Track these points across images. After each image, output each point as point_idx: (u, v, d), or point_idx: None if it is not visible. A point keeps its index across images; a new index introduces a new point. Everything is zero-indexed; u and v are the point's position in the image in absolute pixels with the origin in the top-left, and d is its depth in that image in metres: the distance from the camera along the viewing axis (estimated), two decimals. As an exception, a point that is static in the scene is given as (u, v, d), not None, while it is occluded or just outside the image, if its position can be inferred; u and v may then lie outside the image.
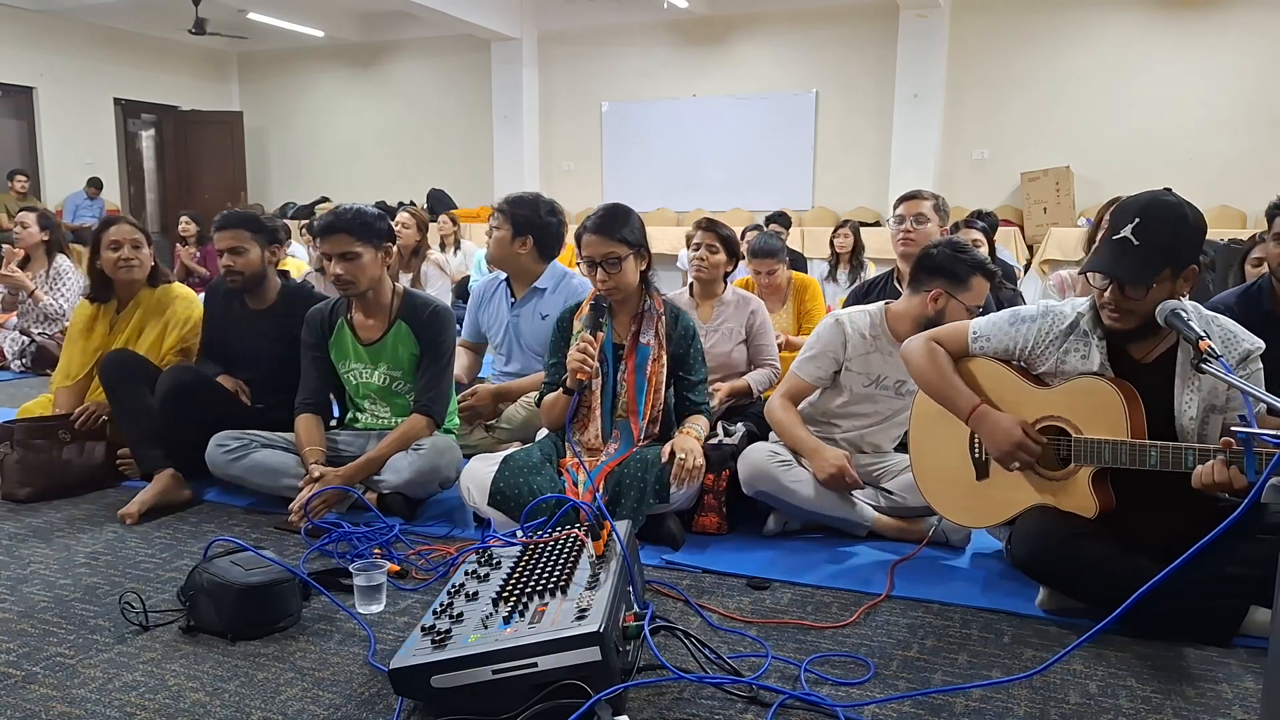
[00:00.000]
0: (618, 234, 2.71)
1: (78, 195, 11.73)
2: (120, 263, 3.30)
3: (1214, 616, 2.03)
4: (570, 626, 1.63)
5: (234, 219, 3.18)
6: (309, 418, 2.98)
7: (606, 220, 2.72)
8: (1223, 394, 2.09)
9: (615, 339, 2.82)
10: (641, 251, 2.77)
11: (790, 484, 2.61)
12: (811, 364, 2.80)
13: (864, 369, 2.77)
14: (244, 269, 3.16)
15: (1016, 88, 10.02)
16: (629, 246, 2.72)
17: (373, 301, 3.00)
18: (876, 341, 2.77)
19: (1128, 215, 2.05)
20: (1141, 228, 2.02)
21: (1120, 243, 2.04)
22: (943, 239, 2.86)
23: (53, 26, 11.79)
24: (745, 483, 2.64)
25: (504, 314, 3.68)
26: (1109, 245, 2.06)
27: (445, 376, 3.02)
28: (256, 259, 3.18)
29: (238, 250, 3.15)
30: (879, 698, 1.79)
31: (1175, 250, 2.03)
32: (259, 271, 3.20)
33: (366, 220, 2.89)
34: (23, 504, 3.00)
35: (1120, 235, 2.04)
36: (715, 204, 11.08)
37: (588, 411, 2.78)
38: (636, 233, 2.76)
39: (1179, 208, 2.05)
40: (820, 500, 2.62)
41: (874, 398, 2.79)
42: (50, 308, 5.45)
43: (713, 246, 3.54)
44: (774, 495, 2.63)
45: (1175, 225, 2.04)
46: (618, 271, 2.71)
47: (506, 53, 11.77)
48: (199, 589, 2.06)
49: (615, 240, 2.70)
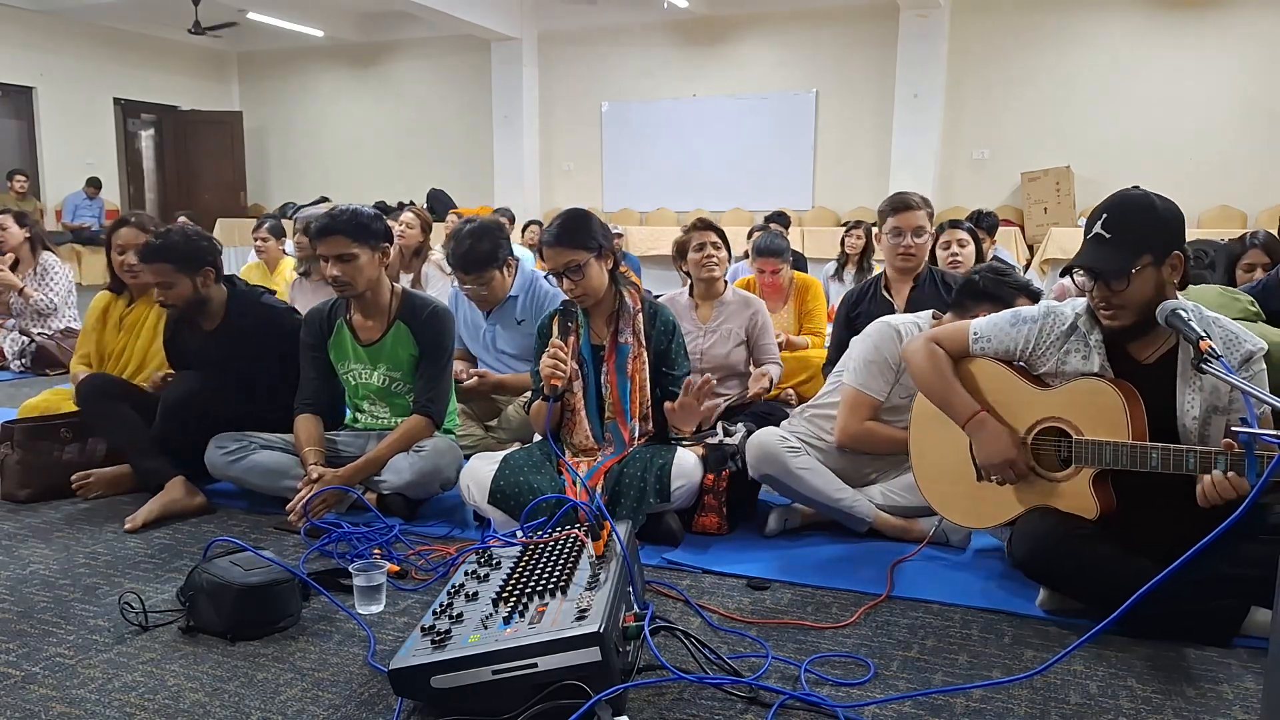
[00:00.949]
0: (575, 240, 2.69)
1: (77, 195, 11.74)
2: (127, 266, 3.35)
3: (1214, 617, 2.03)
4: (570, 627, 1.62)
5: (152, 253, 2.97)
6: (308, 418, 2.98)
7: (563, 229, 2.71)
8: (1225, 395, 2.09)
9: (594, 340, 2.81)
10: (604, 252, 2.75)
11: (797, 470, 2.61)
12: (872, 372, 2.69)
13: (907, 380, 2.68)
14: (175, 301, 3.01)
15: (1016, 88, 10.03)
16: (588, 251, 2.70)
17: (371, 302, 2.99)
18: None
19: (1098, 214, 2.10)
20: (1110, 221, 2.06)
21: (1094, 240, 2.09)
22: (983, 265, 2.84)
23: (53, 26, 11.80)
24: (753, 466, 2.64)
25: (479, 322, 3.71)
26: (1085, 245, 2.11)
27: (444, 377, 3.02)
28: (186, 290, 2.99)
29: (165, 285, 2.98)
30: (879, 698, 1.79)
31: (1147, 237, 2.05)
32: (192, 300, 3.04)
33: (363, 221, 2.87)
34: (23, 504, 3.00)
35: (1093, 233, 2.09)
36: (715, 204, 11.09)
37: (573, 415, 2.78)
38: (596, 235, 2.72)
39: (1145, 198, 2.09)
40: (825, 489, 2.63)
41: (903, 410, 2.69)
42: (41, 303, 5.47)
43: (717, 243, 3.55)
44: (780, 480, 2.63)
45: (1142, 213, 2.07)
46: (581, 278, 2.70)
47: (506, 53, 11.78)
48: (198, 589, 2.06)
49: (573, 247, 2.69)
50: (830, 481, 2.65)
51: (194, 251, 3.00)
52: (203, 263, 3.02)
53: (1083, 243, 2.13)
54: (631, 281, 2.89)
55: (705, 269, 3.59)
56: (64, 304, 5.57)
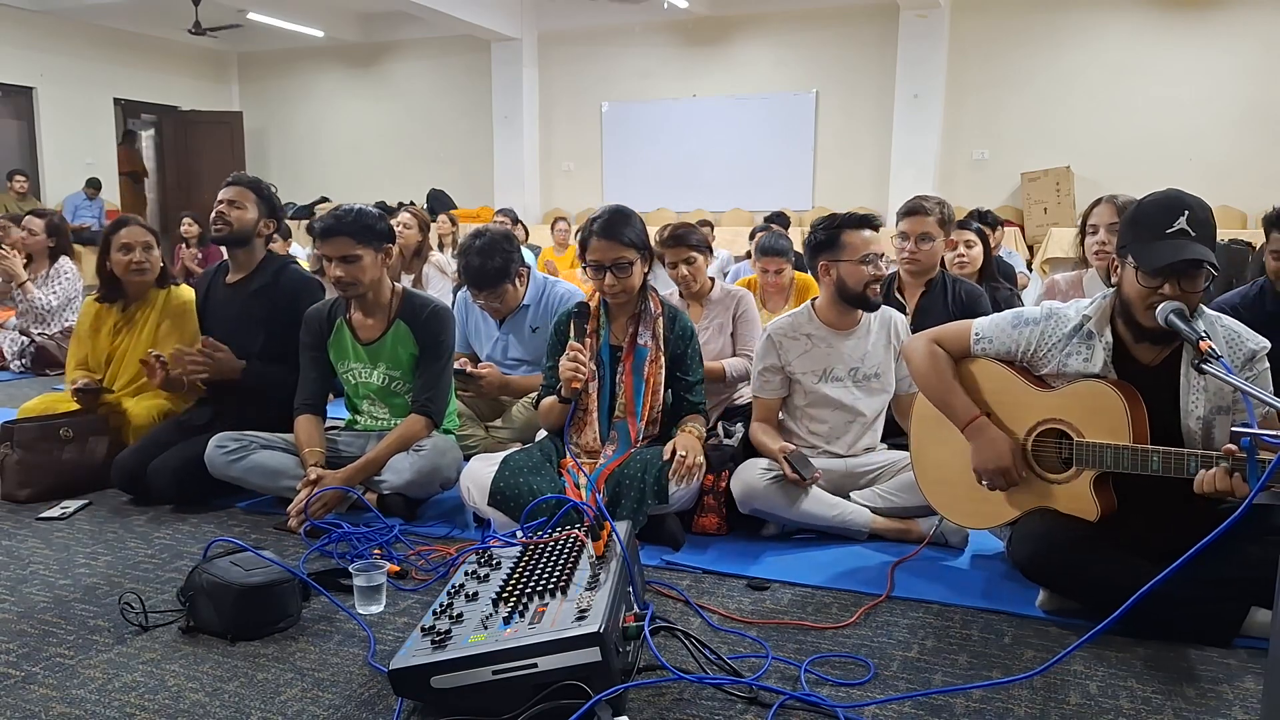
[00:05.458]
0: (626, 237, 2.71)
1: (77, 195, 11.73)
2: (132, 265, 3.33)
3: (1214, 617, 2.03)
4: (570, 627, 1.62)
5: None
6: (308, 418, 2.98)
7: (614, 224, 2.71)
8: (1229, 394, 2.08)
9: (613, 340, 2.82)
10: (646, 254, 2.77)
11: (784, 500, 2.62)
12: (760, 380, 2.84)
13: (809, 365, 2.79)
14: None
15: (1016, 88, 10.03)
16: (636, 249, 2.72)
17: (372, 302, 3.00)
18: (811, 338, 2.79)
19: (1176, 211, 2.01)
20: (1193, 219, 2.00)
21: (1180, 236, 2.00)
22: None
23: (53, 26, 11.79)
24: (740, 500, 2.65)
25: (491, 330, 3.70)
26: (1168, 243, 2.00)
27: (444, 377, 3.02)
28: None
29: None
30: (879, 698, 1.79)
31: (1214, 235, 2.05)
32: (247, 230, 3.22)
33: (367, 222, 2.89)
34: (23, 504, 3.00)
35: (1178, 229, 2.00)
36: (715, 204, 11.09)
37: (585, 414, 2.78)
38: (641, 235, 2.76)
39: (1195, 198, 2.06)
40: (815, 511, 2.64)
41: (830, 394, 2.79)
42: (39, 301, 5.44)
43: (690, 259, 3.48)
44: (768, 512, 2.65)
45: (1209, 212, 2.05)
46: (628, 276, 2.71)
47: (506, 53, 11.77)
48: (199, 589, 2.06)
49: (624, 244, 2.70)
50: (820, 501, 2.65)
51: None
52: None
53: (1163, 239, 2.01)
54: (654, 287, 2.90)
55: (683, 284, 3.54)
56: (63, 308, 5.55)
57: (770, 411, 2.86)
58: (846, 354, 2.78)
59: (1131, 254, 2.06)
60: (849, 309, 2.77)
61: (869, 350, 2.79)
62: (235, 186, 3.24)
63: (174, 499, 2.97)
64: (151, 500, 2.99)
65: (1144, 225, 2.06)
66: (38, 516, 2.87)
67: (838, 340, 2.79)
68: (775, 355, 2.81)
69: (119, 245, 3.34)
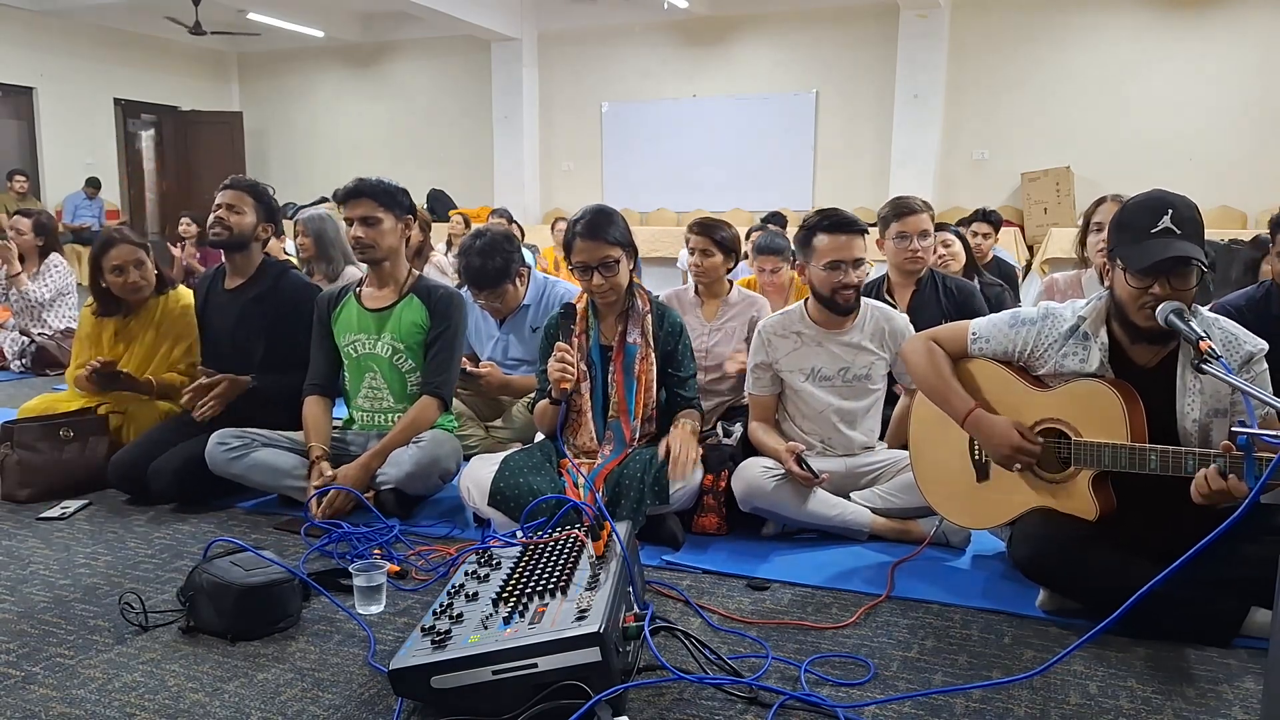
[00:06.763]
0: (610, 235, 2.70)
1: (77, 195, 11.74)
2: (129, 286, 3.28)
3: (1214, 617, 2.03)
4: (570, 627, 1.62)
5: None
6: (317, 400, 3.01)
7: (597, 223, 2.71)
8: (1226, 397, 2.08)
9: (603, 340, 2.82)
10: (630, 251, 2.77)
11: (784, 499, 2.62)
12: (752, 377, 2.87)
13: (796, 364, 2.80)
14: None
15: (1016, 88, 10.03)
16: (621, 247, 2.72)
17: (387, 273, 3.03)
18: (801, 336, 2.80)
19: (1160, 209, 2.02)
20: (1178, 218, 2.02)
21: (1165, 234, 2.01)
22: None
23: (53, 26, 11.80)
24: (741, 499, 2.65)
25: (492, 330, 3.70)
26: (1156, 241, 2.01)
27: (455, 359, 3.04)
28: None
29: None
30: (879, 698, 1.79)
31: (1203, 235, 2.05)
32: (245, 235, 3.21)
33: (390, 189, 2.96)
34: (23, 504, 3.00)
35: (1162, 228, 2.01)
36: (715, 204, 11.08)
37: (578, 415, 2.78)
38: (625, 232, 2.76)
39: (1181, 198, 2.07)
40: (816, 511, 2.64)
41: (816, 393, 2.80)
42: (32, 294, 5.49)
43: (707, 250, 3.51)
44: (769, 510, 2.65)
45: (1196, 211, 2.06)
46: (614, 274, 2.71)
47: (506, 53, 11.77)
48: (199, 589, 2.06)
49: (609, 242, 2.70)
50: (821, 501, 2.65)
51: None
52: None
53: (1148, 239, 2.02)
54: (641, 285, 2.90)
55: (695, 274, 3.59)
56: (55, 301, 5.57)
57: (767, 410, 2.87)
58: (836, 354, 2.78)
59: (1120, 256, 2.08)
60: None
61: (859, 351, 2.79)
62: (233, 190, 3.23)
63: (175, 499, 2.97)
64: (152, 500, 2.99)
65: (1130, 227, 2.07)
66: (38, 516, 2.88)
67: (827, 340, 2.79)
68: (765, 352, 2.83)
69: (110, 268, 3.26)
